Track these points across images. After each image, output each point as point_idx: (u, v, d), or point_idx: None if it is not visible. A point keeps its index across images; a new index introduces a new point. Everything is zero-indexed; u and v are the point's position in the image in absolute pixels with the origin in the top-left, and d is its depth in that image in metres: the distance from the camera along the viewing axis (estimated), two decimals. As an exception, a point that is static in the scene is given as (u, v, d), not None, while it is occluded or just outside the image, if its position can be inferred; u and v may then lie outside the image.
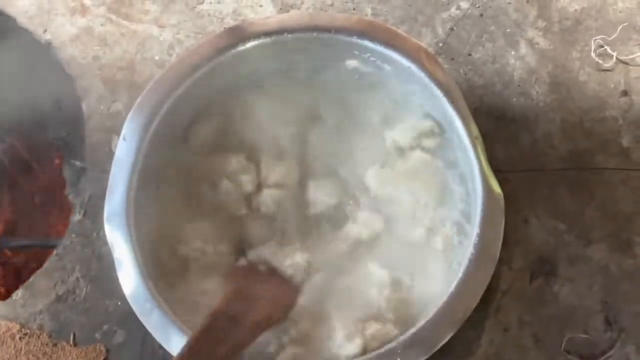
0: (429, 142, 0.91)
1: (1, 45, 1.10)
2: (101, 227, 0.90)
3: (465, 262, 0.81)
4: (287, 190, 0.93)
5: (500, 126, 0.96)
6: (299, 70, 0.95)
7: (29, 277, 0.94)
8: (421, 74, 0.88)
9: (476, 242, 0.81)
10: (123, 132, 0.88)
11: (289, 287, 0.88)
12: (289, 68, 0.94)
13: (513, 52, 1.01)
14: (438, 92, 0.87)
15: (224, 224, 0.92)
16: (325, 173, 0.94)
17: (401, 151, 0.92)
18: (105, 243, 0.87)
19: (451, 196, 0.89)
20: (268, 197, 0.92)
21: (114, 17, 1.07)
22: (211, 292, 0.85)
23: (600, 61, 0.99)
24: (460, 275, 0.81)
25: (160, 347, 0.81)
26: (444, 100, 0.87)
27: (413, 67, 0.89)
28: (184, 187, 0.92)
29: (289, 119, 0.94)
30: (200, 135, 0.93)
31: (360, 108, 0.95)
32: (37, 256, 1.22)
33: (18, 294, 0.92)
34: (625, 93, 0.97)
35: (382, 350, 0.79)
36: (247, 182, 0.92)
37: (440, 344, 0.78)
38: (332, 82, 0.94)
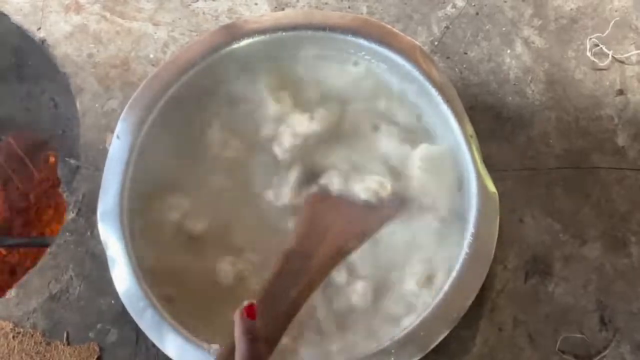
0: None
1: (-5, 44, 1.10)
2: (95, 226, 0.90)
3: (459, 261, 0.81)
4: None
5: (496, 125, 0.96)
6: (294, 68, 0.94)
7: (23, 276, 0.94)
8: (416, 73, 0.88)
9: (471, 241, 0.81)
10: (117, 130, 0.87)
11: (364, 211, 0.88)
12: (283, 66, 0.94)
13: (509, 51, 1.00)
14: (433, 91, 0.87)
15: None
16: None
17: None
18: (99, 242, 0.86)
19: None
20: None
21: (108, 15, 1.06)
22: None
23: (596, 60, 0.99)
24: (455, 274, 0.81)
25: (154, 345, 0.80)
26: (439, 99, 0.87)
27: (408, 66, 0.89)
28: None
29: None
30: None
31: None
32: (31, 255, 1.22)
33: (12, 293, 0.92)
34: (620, 92, 0.97)
35: (376, 349, 0.78)
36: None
37: (435, 343, 0.78)
38: (326, 80, 0.94)
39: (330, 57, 0.93)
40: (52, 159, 1.25)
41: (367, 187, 0.88)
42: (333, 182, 0.90)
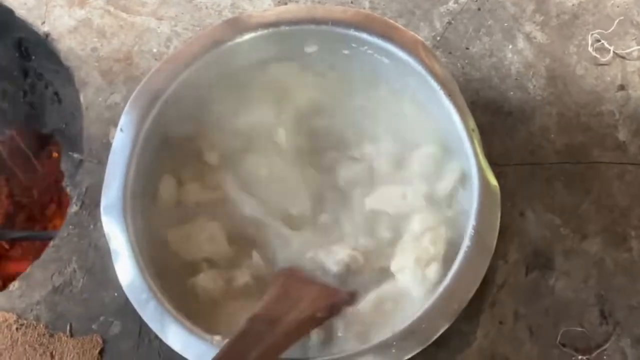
0: None
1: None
2: (98, 219, 0.90)
3: (460, 255, 0.82)
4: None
5: (497, 120, 0.96)
6: (297, 63, 0.95)
7: (26, 269, 0.95)
8: (418, 67, 0.88)
9: (472, 234, 0.81)
10: (120, 123, 0.88)
11: (332, 289, 0.87)
12: (286, 60, 0.94)
13: (510, 46, 1.01)
14: (435, 85, 0.87)
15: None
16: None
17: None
18: (102, 234, 0.87)
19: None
20: None
21: (112, 9, 1.07)
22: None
23: (598, 55, 0.99)
24: (455, 267, 0.81)
25: (157, 337, 0.81)
26: (441, 93, 0.87)
27: (410, 60, 0.89)
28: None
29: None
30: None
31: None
32: (34, 248, 1.22)
33: (15, 285, 0.92)
34: (622, 87, 0.97)
35: (377, 342, 0.79)
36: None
37: (435, 336, 0.78)
38: (329, 74, 0.95)
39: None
40: (55, 154, 1.26)
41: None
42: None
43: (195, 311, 0.83)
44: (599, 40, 1.00)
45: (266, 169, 0.92)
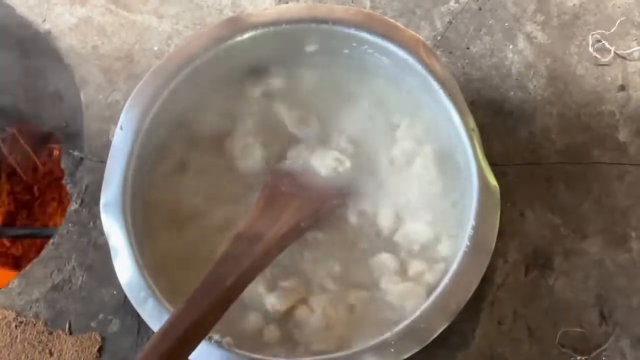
0: None
1: (0, 35, 1.10)
2: (98, 217, 0.90)
3: (459, 254, 0.82)
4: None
5: (497, 120, 0.96)
6: (297, 62, 0.95)
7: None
8: (419, 66, 0.88)
9: (471, 234, 0.81)
10: (120, 121, 0.88)
11: (323, 189, 0.89)
12: (287, 59, 0.94)
13: (511, 46, 1.01)
14: (435, 85, 0.87)
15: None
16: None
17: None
18: (102, 232, 0.87)
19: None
20: None
21: (113, 7, 1.07)
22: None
23: (598, 56, 0.99)
24: (454, 266, 0.81)
25: (155, 335, 0.81)
26: (441, 93, 0.87)
27: (411, 60, 0.89)
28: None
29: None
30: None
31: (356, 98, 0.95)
32: (35, 246, 1.22)
33: (14, 283, 0.92)
34: (622, 88, 0.97)
35: (376, 341, 0.79)
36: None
37: (434, 336, 0.78)
38: (329, 73, 0.95)
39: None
40: (56, 152, 1.26)
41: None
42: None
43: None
44: (599, 41, 1.00)
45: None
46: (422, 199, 0.89)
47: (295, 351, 0.82)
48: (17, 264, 1.24)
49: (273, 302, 0.84)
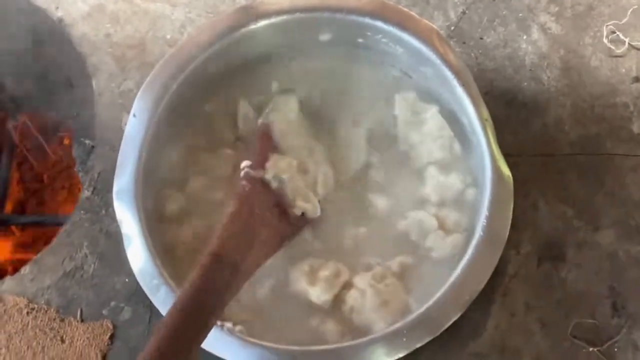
0: None
1: (13, 22, 1.10)
2: (110, 204, 0.91)
3: (472, 245, 0.81)
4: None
5: (511, 111, 0.96)
6: (310, 50, 0.94)
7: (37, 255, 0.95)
8: (433, 56, 0.88)
9: (484, 224, 0.81)
10: (133, 109, 0.88)
11: (293, 217, 0.87)
12: (300, 48, 0.94)
13: (525, 37, 1.00)
14: (449, 74, 0.87)
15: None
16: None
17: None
18: (114, 220, 0.87)
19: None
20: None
21: (126, -5, 1.07)
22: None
23: (612, 47, 0.99)
24: (467, 257, 0.81)
25: (167, 323, 0.81)
26: (455, 82, 0.87)
27: (424, 49, 0.89)
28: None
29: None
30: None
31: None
32: (45, 234, 1.22)
33: (26, 269, 0.92)
34: (636, 79, 0.97)
35: (388, 330, 0.79)
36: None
37: (446, 326, 0.78)
38: (342, 62, 0.95)
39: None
40: (66, 141, 1.26)
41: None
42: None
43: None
44: (614, 32, 0.99)
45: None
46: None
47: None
48: (26, 251, 1.24)
49: (318, 294, 0.85)
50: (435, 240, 0.86)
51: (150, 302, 0.80)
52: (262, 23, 0.91)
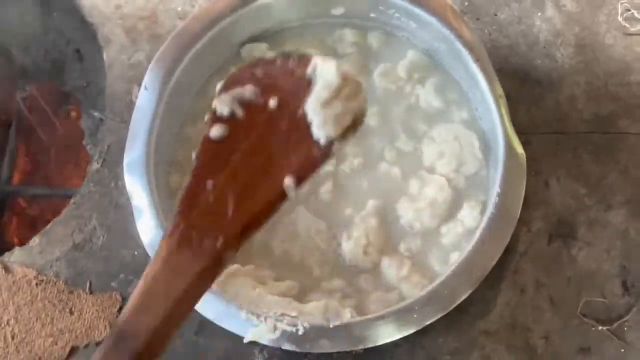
0: None
1: (22, -8, 1.10)
2: (119, 177, 0.90)
3: (484, 221, 0.81)
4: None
5: (524, 88, 0.95)
6: (322, 24, 0.94)
7: (43, 229, 0.94)
8: (446, 31, 0.88)
9: (496, 201, 0.81)
10: (144, 81, 0.87)
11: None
12: (312, 21, 0.94)
13: (539, 14, 0.99)
14: (463, 50, 0.87)
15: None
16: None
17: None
18: (123, 193, 0.87)
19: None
20: None
21: (137, -34, 1.06)
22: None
23: (627, 25, 0.98)
24: (479, 234, 0.81)
25: (177, 296, 0.81)
26: (469, 58, 0.86)
27: (438, 24, 0.88)
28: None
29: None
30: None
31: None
32: (51, 207, 1.22)
33: (35, 241, 0.92)
34: (651, 58, 0.96)
35: (399, 306, 0.79)
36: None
37: (457, 302, 0.79)
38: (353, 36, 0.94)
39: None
40: (73, 114, 1.25)
41: None
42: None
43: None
44: (628, 10, 0.99)
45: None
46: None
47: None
48: (33, 224, 1.24)
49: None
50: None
51: (160, 274, 0.80)
52: (275, -4, 0.91)
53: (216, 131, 0.67)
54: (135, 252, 0.90)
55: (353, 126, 0.67)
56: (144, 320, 0.60)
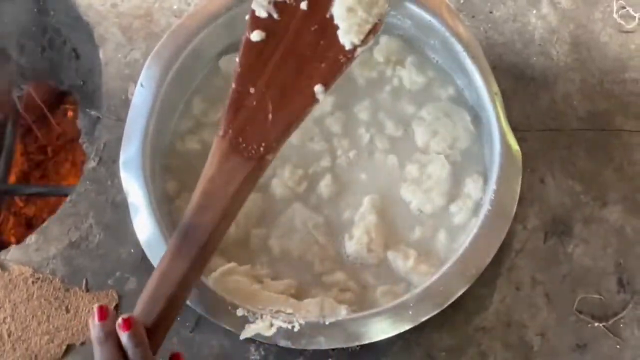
0: None
1: (18, -9, 1.10)
2: (116, 175, 0.90)
3: (480, 219, 0.81)
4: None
5: (519, 85, 0.95)
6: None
7: (39, 227, 0.94)
8: (442, 29, 0.88)
9: (492, 198, 0.81)
10: (141, 78, 0.88)
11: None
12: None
13: (534, 11, 1.00)
14: (459, 47, 0.87)
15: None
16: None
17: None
18: (120, 191, 0.87)
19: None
20: None
21: (132, -36, 1.06)
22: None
23: (622, 22, 0.98)
24: (474, 231, 0.81)
25: (173, 293, 0.81)
26: (464, 55, 0.86)
27: (434, 22, 0.88)
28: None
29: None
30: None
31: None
32: (48, 205, 1.22)
33: (32, 239, 0.92)
34: (646, 55, 0.96)
35: (394, 303, 0.79)
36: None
37: (452, 299, 0.79)
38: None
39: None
40: (70, 113, 1.26)
41: None
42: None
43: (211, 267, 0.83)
44: (624, 7, 0.99)
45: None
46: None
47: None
48: (29, 222, 1.24)
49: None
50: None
51: (156, 272, 0.80)
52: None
53: (257, 35, 0.79)
54: (132, 250, 0.90)
55: (374, 31, 0.79)
56: (206, 217, 0.73)
